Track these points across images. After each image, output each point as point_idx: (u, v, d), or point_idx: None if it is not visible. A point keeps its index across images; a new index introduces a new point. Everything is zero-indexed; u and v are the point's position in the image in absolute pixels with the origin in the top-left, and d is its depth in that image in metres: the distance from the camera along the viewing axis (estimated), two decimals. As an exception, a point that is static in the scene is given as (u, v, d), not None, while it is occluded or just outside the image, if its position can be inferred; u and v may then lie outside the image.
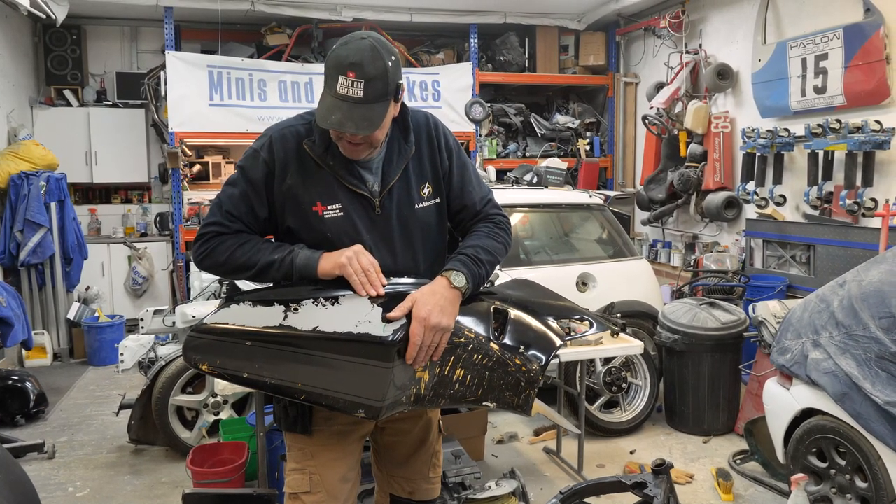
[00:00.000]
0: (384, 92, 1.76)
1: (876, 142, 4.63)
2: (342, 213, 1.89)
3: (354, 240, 1.89)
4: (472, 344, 1.88)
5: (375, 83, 1.74)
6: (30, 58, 7.24)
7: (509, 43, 7.86)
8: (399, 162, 1.95)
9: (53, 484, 3.91)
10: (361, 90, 1.72)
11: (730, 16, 6.33)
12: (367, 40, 1.77)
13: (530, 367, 1.93)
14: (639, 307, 4.87)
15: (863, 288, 3.05)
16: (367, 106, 1.74)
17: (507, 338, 1.94)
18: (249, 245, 1.86)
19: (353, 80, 1.72)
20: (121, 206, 7.67)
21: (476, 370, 1.90)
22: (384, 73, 1.75)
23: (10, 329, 4.50)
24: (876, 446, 2.89)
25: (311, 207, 1.88)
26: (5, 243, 6.09)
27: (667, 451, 4.33)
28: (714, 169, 6.24)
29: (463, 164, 2.08)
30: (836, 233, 5.12)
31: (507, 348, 1.92)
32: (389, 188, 1.93)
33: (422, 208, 1.99)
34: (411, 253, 1.98)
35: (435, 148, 2.03)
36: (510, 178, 6.22)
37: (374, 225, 1.93)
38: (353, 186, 1.90)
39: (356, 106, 1.73)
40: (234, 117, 6.90)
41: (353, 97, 1.73)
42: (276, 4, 6.89)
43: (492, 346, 1.91)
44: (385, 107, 1.79)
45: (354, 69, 1.72)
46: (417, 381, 1.83)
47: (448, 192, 2.05)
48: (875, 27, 4.69)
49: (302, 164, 1.89)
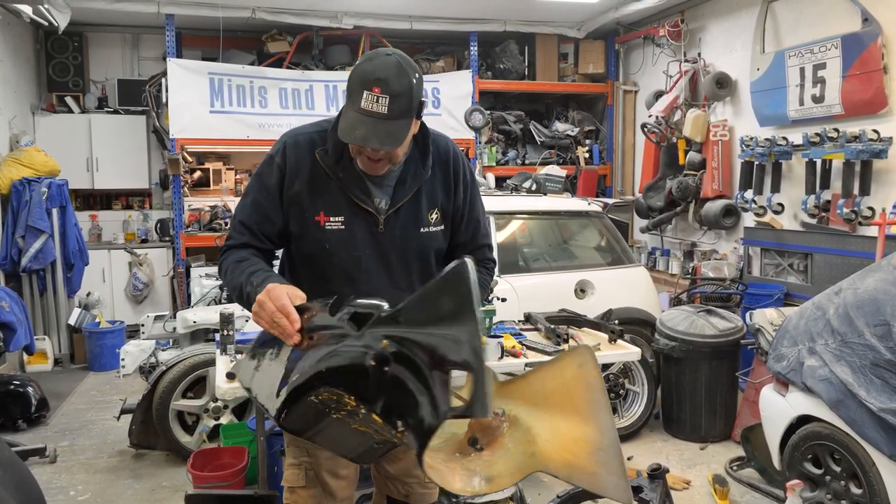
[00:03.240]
0: (408, 109, 1.75)
1: (873, 151, 4.66)
2: (343, 226, 1.90)
3: (352, 254, 1.90)
4: (354, 414, 1.50)
5: (400, 100, 1.72)
6: (31, 64, 7.28)
7: (509, 51, 7.90)
8: (412, 184, 1.94)
9: (55, 488, 3.93)
10: (386, 106, 1.70)
11: (728, 25, 6.38)
12: (393, 56, 1.76)
13: (397, 439, 1.50)
14: (637, 314, 4.90)
15: (858, 296, 3.08)
16: (391, 122, 1.72)
17: (389, 410, 1.45)
18: (242, 266, 1.84)
19: (378, 96, 1.70)
20: (121, 213, 7.69)
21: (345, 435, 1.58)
22: (409, 90, 1.73)
23: (12, 334, 4.53)
24: (870, 453, 2.91)
25: (314, 217, 1.89)
26: (7, 249, 6.12)
27: (664, 457, 4.34)
28: (712, 177, 6.27)
29: (475, 199, 2.10)
30: (833, 241, 5.14)
31: (389, 422, 1.46)
32: (398, 208, 1.93)
33: (426, 233, 1.98)
34: (407, 274, 1.99)
35: (451, 177, 2.03)
36: (509, 185, 6.25)
37: (375, 242, 1.93)
38: (359, 201, 1.90)
39: (380, 122, 1.71)
40: (234, 124, 6.94)
41: (378, 113, 1.70)
42: (276, 12, 6.93)
43: (373, 417, 1.47)
44: (408, 124, 1.77)
45: (380, 84, 1.70)
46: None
47: (456, 223, 2.06)
48: (873, 37, 4.73)
49: (311, 173, 1.90)
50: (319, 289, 1.90)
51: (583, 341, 3.58)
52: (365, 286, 1.90)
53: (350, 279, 1.92)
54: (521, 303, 4.45)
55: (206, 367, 4.19)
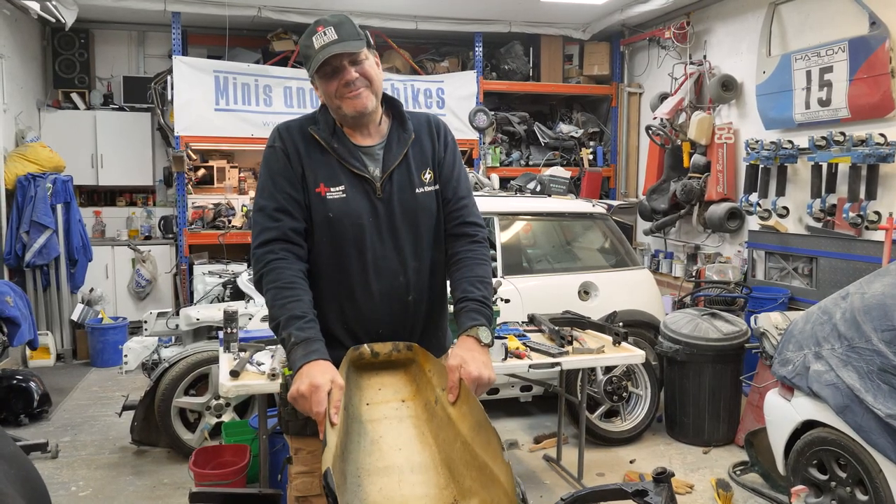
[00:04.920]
0: (356, 33, 1.91)
1: (880, 155, 4.64)
2: (345, 194, 1.95)
3: (355, 222, 1.95)
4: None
5: (345, 26, 1.89)
6: (38, 61, 7.29)
7: (514, 52, 7.89)
8: (398, 149, 2.02)
9: (56, 483, 3.92)
10: (335, 32, 1.88)
11: (734, 27, 6.36)
12: (322, 18, 1.93)
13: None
14: (640, 317, 4.89)
15: (865, 300, 3.07)
16: (345, 42, 1.88)
17: None
18: (285, 294, 1.84)
19: (324, 31, 1.88)
20: (125, 209, 7.69)
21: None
22: (349, 21, 1.91)
23: (16, 329, 4.53)
24: (877, 459, 2.89)
25: (315, 189, 1.95)
26: (11, 244, 6.12)
27: (667, 460, 4.33)
28: (717, 180, 6.26)
29: (456, 160, 2.14)
30: (839, 245, 5.13)
31: None
32: (390, 173, 1.99)
33: (423, 193, 2.03)
34: (414, 236, 2.02)
35: (435, 137, 2.10)
36: (513, 186, 6.25)
37: (376, 209, 1.97)
38: (356, 169, 1.97)
39: (336, 43, 1.87)
40: (239, 122, 6.93)
41: (330, 40, 1.87)
42: (282, 11, 6.93)
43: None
44: (362, 45, 1.92)
45: (321, 24, 1.89)
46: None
47: (438, 179, 2.10)
48: (880, 40, 4.71)
49: (308, 147, 1.98)
50: (328, 259, 1.97)
51: (587, 343, 3.57)
52: (371, 253, 1.97)
53: (357, 247, 1.96)
54: (525, 304, 4.45)
55: (209, 364, 4.19)
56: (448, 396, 1.75)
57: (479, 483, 1.63)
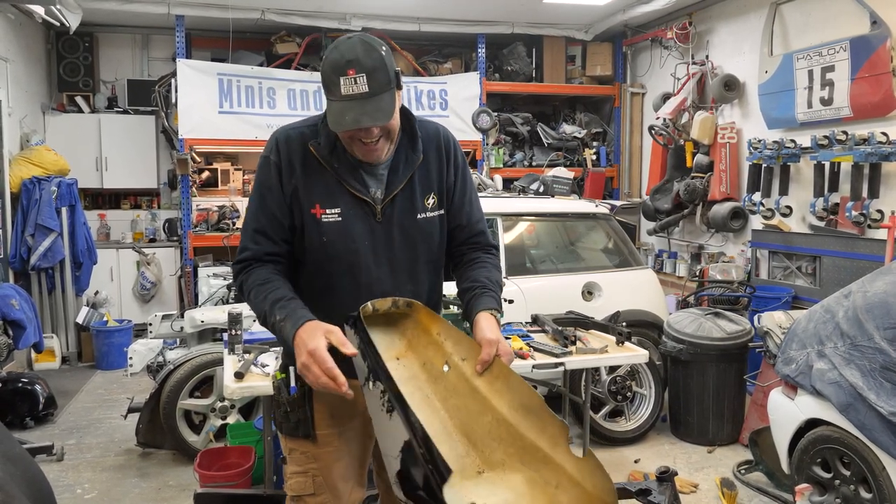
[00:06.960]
0: (387, 81, 1.75)
1: (882, 153, 4.64)
2: (340, 218, 1.88)
3: (349, 246, 1.88)
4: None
5: (377, 74, 1.73)
6: (43, 64, 7.32)
7: (516, 53, 7.90)
8: (405, 171, 1.93)
9: (62, 486, 3.94)
10: (366, 84, 1.71)
11: (736, 27, 6.37)
12: (354, 38, 1.78)
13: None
14: (644, 316, 4.89)
15: (868, 299, 3.07)
16: (376, 98, 1.73)
17: None
18: (265, 290, 1.84)
19: (355, 77, 1.71)
20: (130, 212, 7.71)
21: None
22: (382, 63, 1.74)
23: (22, 332, 4.55)
24: (880, 457, 2.90)
25: (310, 209, 1.88)
26: (17, 247, 6.15)
27: (671, 460, 4.33)
28: (720, 180, 6.26)
29: (467, 182, 2.08)
30: (842, 244, 5.12)
31: None
32: (393, 196, 1.92)
33: (424, 219, 1.96)
34: (411, 261, 1.96)
35: (443, 160, 2.02)
36: (517, 186, 6.26)
37: (373, 233, 1.91)
38: (356, 191, 1.88)
39: (366, 101, 1.72)
40: (243, 125, 6.96)
41: (360, 93, 1.71)
42: (285, 13, 6.95)
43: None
44: (392, 96, 1.77)
45: (353, 66, 1.71)
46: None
47: (449, 206, 2.04)
48: (881, 39, 4.71)
49: (305, 165, 1.89)
50: (321, 283, 1.93)
51: (590, 343, 3.58)
52: (365, 278, 1.90)
53: (350, 272, 1.91)
54: (529, 304, 4.45)
55: (214, 366, 4.20)
56: (476, 367, 1.73)
57: (518, 460, 1.62)
